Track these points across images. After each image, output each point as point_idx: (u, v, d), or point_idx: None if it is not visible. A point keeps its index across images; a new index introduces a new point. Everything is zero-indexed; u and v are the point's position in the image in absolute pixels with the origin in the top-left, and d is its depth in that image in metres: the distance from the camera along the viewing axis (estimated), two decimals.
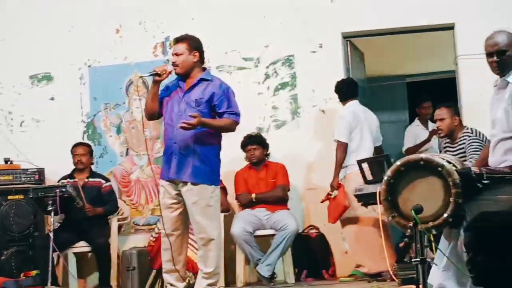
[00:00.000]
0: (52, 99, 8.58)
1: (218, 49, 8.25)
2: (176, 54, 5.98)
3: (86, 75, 8.53)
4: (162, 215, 6.07)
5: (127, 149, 8.41)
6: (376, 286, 6.53)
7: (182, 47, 5.97)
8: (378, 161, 6.83)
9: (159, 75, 5.91)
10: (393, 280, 6.51)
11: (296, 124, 8.13)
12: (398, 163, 4.58)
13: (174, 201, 5.97)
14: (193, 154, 5.85)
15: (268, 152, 7.73)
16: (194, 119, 5.69)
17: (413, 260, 4.27)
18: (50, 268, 6.64)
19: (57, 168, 7.98)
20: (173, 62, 5.97)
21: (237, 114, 5.97)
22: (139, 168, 8.31)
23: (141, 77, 6.29)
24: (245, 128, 7.95)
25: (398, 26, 8.09)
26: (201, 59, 6.05)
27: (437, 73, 10.74)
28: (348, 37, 8.22)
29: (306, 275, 7.56)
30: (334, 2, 8.08)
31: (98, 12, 8.54)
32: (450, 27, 7.98)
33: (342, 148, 7.25)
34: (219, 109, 5.89)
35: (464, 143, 6.61)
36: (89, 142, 8.15)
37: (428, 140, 8.77)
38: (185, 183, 5.88)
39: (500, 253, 2.86)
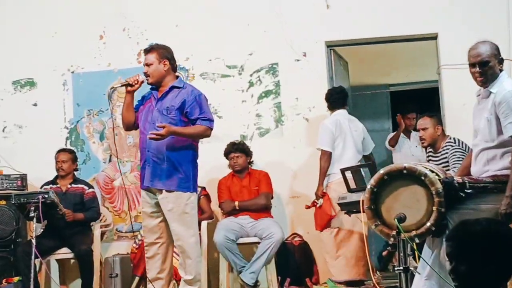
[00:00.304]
0: (35, 105, 8.55)
1: (202, 57, 8.27)
2: (147, 65, 6.03)
3: (69, 81, 8.50)
4: (143, 224, 6.11)
5: (110, 155, 8.40)
6: None
7: (151, 57, 6.02)
8: (361, 170, 6.85)
9: (131, 85, 5.97)
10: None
11: (280, 132, 8.14)
12: (381, 171, 4.61)
13: (154, 209, 6.00)
14: (166, 162, 5.87)
15: (251, 160, 7.74)
16: (163, 129, 5.70)
17: (396, 268, 4.29)
18: (32, 275, 6.59)
19: (40, 174, 7.95)
20: (144, 73, 6.03)
21: (210, 120, 5.96)
22: (122, 175, 8.28)
23: (112, 88, 6.26)
24: (228, 135, 7.99)
25: (382, 36, 8.12)
26: (172, 67, 6.08)
27: (420, 82, 10.80)
28: (332, 46, 8.25)
29: (290, 283, 7.56)
30: (316, 11, 8.10)
31: (82, 18, 8.51)
32: (433, 37, 8.02)
33: (326, 157, 7.30)
34: (191, 116, 5.90)
35: (447, 153, 6.65)
36: (72, 148, 8.11)
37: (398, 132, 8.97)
38: (161, 190, 5.90)
39: (482, 261, 2.88)
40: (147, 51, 6.07)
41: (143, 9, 8.47)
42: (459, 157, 6.46)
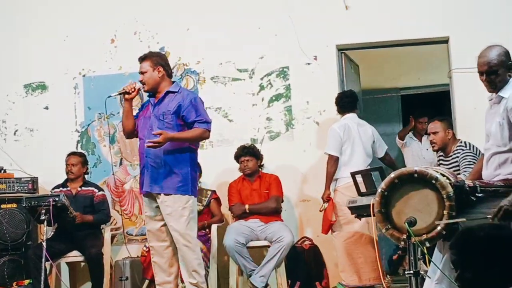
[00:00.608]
0: (46, 108, 8.57)
1: (212, 60, 8.28)
2: (142, 73, 6.11)
3: (81, 85, 8.52)
4: (147, 228, 6.17)
5: (121, 159, 8.41)
6: None
7: (146, 65, 6.10)
8: (372, 174, 6.83)
9: (128, 93, 6.08)
10: None
11: (290, 136, 8.13)
12: (392, 175, 4.59)
13: (155, 213, 6.06)
14: (164, 166, 5.92)
15: (262, 163, 7.73)
16: (160, 136, 5.76)
17: (406, 272, 4.28)
18: (42, 278, 6.60)
19: (51, 177, 7.97)
20: (140, 81, 6.11)
21: (207, 122, 5.99)
22: (133, 178, 8.29)
23: (109, 96, 6.29)
24: (239, 139, 8.00)
25: (393, 39, 8.11)
26: (167, 73, 6.14)
27: (431, 86, 10.77)
28: (343, 50, 8.24)
29: (300, 286, 7.54)
30: (327, 15, 8.09)
31: (93, 22, 8.54)
32: (445, 41, 8.00)
33: (332, 162, 7.31)
34: (188, 119, 5.95)
35: (458, 157, 6.63)
36: (83, 152, 8.13)
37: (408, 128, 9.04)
38: (159, 195, 5.95)
39: (486, 267, 2.87)
40: (142, 59, 6.16)
41: (154, 13, 8.49)
42: (470, 161, 6.44)
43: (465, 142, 6.73)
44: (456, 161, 6.62)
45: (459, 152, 6.64)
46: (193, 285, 5.95)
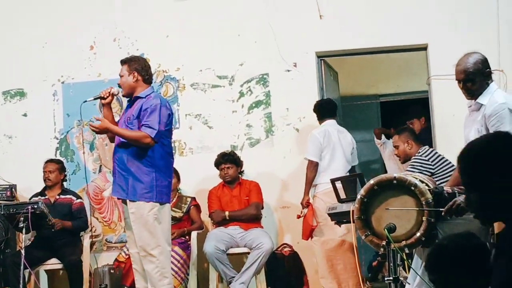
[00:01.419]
0: (25, 115, 8.52)
1: (192, 67, 8.28)
2: (120, 76, 6.14)
3: (60, 92, 8.48)
4: (127, 234, 6.21)
5: (100, 166, 8.37)
6: None
7: (123, 69, 6.13)
8: (351, 180, 6.85)
9: (103, 98, 6.11)
10: None
11: (270, 143, 8.14)
12: (371, 181, 4.61)
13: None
14: (128, 172, 5.92)
15: (242, 170, 7.73)
16: (100, 122, 5.86)
17: (386, 279, 4.29)
18: (21, 285, 6.58)
19: (30, 184, 7.93)
20: (118, 84, 6.16)
21: (152, 128, 5.84)
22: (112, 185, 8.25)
23: (85, 101, 6.26)
24: (219, 146, 7.99)
25: (372, 46, 8.15)
26: (144, 79, 6.11)
27: (410, 93, 10.81)
28: (322, 57, 8.26)
29: None
30: (306, 22, 8.11)
31: (73, 28, 8.50)
32: (423, 48, 8.05)
33: (312, 167, 7.33)
34: (141, 122, 5.93)
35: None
36: (62, 159, 8.09)
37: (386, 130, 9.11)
38: (126, 201, 5.97)
39: (455, 274, 2.89)
40: (121, 62, 6.19)
41: (134, 19, 8.47)
42: (413, 165, 6.55)
43: (423, 148, 6.80)
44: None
45: (412, 160, 6.74)
46: None
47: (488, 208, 2.64)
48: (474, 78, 4.69)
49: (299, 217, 7.40)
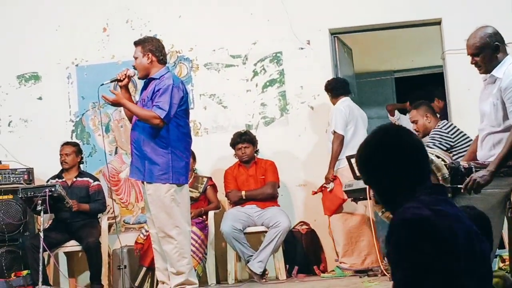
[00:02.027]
0: (40, 98, 8.56)
1: (205, 47, 8.27)
2: (135, 58, 6.15)
3: (74, 74, 8.51)
4: (147, 215, 6.25)
5: (116, 147, 8.40)
6: (367, 281, 6.53)
7: (137, 50, 6.13)
8: None
9: (120, 80, 6.10)
10: (384, 275, 6.53)
11: (285, 121, 8.13)
12: None
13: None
14: (144, 154, 5.95)
15: (257, 149, 7.73)
16: (114, 96, 5.90)
17: None
18: (40, 268, 6.62)
19: (46, 167, 7.96)
20: (134, 66, 6.16)
21: (162, 109, 5.84)
22: (128, 167, 8.27)
23: (102, 84, 6.25)
24: (234, 125, 7.99)
25: (386, 22, 8.10)
26: (158, 60, 6.10)
27: (425, 68, 10.78)
28: (335, 34, 8.23)
29: (298, 271, 7.56)
30: None
31: (85, 11, 8.51)
32: (437, 22, 8.00)
33: (339, 141, 7.25)
34: (153, 102, 5.93)
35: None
36: (78, 141, 8.12)
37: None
38: (143, 182, 6.01)
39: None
40: (135, 44, 6.18)
41: (146, 0, 8.46)
42: (433, 138, 6.51)
43: (442, 122, 6.76)
44: None
45: (431, 133, 6.70)
46: (173, 274, 5.95)
47: (388, 201, 2.69)
48: (481, 52, 4.66)
49: (314, 193, 7.39)
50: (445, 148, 6.37)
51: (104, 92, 6.21)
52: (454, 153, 6.38)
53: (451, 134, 6.55)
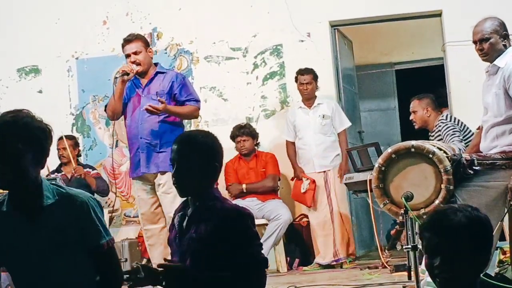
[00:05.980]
0: (40, 92, 8.55)
1: (206, 40, 8.26)
2: (135, 53, 6.09)
3: (74, 67, 8.50)
4: (141, 212, 6.23)
5: (117, 140, 8.39)
6: (368, 274, 6.54)
7: (139, 45, 6.12)
8: (367, 150, 6.85)
9: (127, 74, 6.04)
10: (385, 267, 6.54)
11: (286, 114, 8.12)
12: (389, 150, 4.60)
13: (150, 195, 6.11)
14: (159, 146, 5.97)
15: (257, 142, 7.72)
16: (161, 104, 5.82)
17: (404, 247, 4.29)
18: None
19: (48, 161, 7.92)
20: (134, 61, 6.07)
21: (198, 101, 6.13)
22: (129, 160, 8.27)
23: (116, 78, 6.27)
24: (234, 118, 7.99)
25: (386, 14, 8.09)
26: (153, 54, 6.29)
27: (425, 60, 10.76)
28: (336, 26, 8.22)
29: (298, 263, 7.57)
30: None
31: (85, 4, 8.50)
32: (438, 14, 7.99)
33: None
34: (180, 97, 6.03)
35: (440, 130, 6.66)
36: (78, 135, 8.12)
37: None
38: (156, 174, 6.00)
39: (463, 253, 2.64)
40: (131, 40, 6.14)
41: None
42: (454, 133, 6.50)
43: (446, 115, 6.78)
44: (439, 135, 6.66)
45: (440, 126, 6.69)
46: None
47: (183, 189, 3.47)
48: (490, 38, 4.66)
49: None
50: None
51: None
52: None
53: (459, 125, 6.57)
